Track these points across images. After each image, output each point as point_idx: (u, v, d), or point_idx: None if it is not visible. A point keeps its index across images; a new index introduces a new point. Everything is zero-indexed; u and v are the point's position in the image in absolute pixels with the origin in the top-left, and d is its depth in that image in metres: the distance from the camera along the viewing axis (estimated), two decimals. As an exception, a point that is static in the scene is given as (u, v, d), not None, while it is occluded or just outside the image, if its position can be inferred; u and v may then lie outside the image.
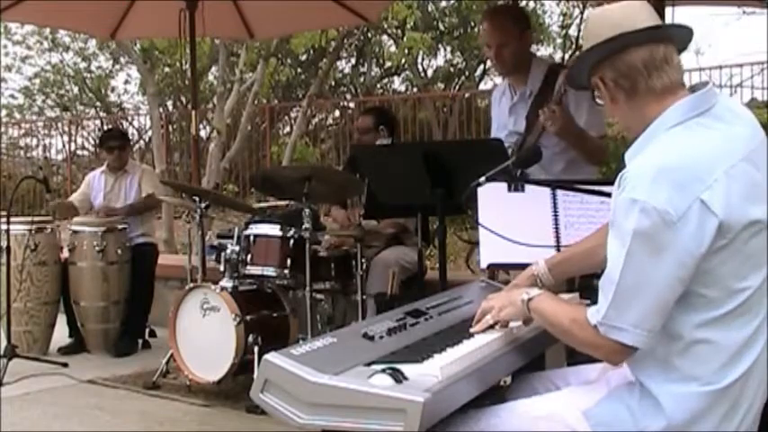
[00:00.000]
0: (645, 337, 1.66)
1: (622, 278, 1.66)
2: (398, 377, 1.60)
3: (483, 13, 4.28)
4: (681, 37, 1.84)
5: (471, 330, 2.01)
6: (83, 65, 15.08)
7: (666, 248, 1.62)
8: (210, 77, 13.87)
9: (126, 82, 15.75)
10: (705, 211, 1.62)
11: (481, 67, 14.20)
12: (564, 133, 3.30)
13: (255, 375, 1.97)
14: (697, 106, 1.75)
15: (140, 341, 5.57)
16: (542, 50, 13.09)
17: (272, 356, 1.66)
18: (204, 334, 4.24)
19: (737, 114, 1.80)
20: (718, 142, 1.71)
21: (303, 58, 13.32)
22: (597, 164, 3.58)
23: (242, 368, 4.14)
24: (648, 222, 1.62)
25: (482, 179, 2.26)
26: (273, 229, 4.34)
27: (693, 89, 1.80)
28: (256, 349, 4.05)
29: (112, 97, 15.80)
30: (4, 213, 5.17)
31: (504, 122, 3.64)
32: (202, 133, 12.23)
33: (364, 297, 4.28)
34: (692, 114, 1.74)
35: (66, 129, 13.84)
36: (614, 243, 1.69)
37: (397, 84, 15.28)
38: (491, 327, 2.01)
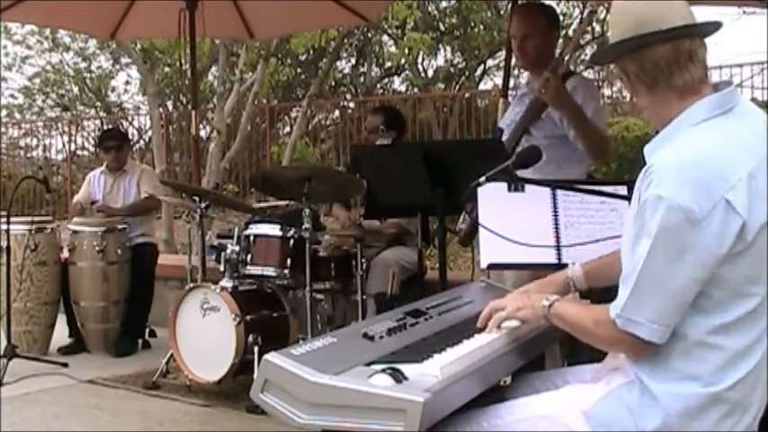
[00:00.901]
0: (662, 332, 1.67)
1: (643, 273, 1.67)
2: (398, 377, 1.60)
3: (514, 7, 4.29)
4: (708, 30, 1.82)
5: (487, 329, 2.02)
6: (83, 65, 15.07)
7: (689, 248, 1.63)
8: (210, 77, 13.85)
9: (126, 82, 15.76)
10: (730, 212, 1.63)
11: (481, 67, 14.19)
12: (559, 101, 3.30)
13: (255, 375, 1.97)
14: (721, 105, 1.75)
15: (140, 341, 5.57)
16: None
17: (272, 356, 1.66)
18: (204, 334, 4.24)
19: (757, 115, 1.81)
20: (742, 141, 1.72)
21: (303, 58, 13.29)
22: (600, 156, 3.57)
23: (242, 368, 4.14)
24: (673, 220, 1.62)
25: (482, 179, 2.26)
26: (273, 229, 4.34)
27: (716, 87, 1.80)
28: (256, 349, 4.05)
29: (112, 97, 15.79)
30: (4, 213, 5.17)
31: (510, 114, 3.67)
32: (202, 133, 12.23)
33: (364, 297, 4.28)
34: (716, 113, 1.74)
35: (66, 129, 13.83)
36: (637, 238, 1.69)
37: (397, 84, 15.27)
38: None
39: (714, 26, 1.81)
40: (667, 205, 1.63)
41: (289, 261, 4.26)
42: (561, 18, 12.59)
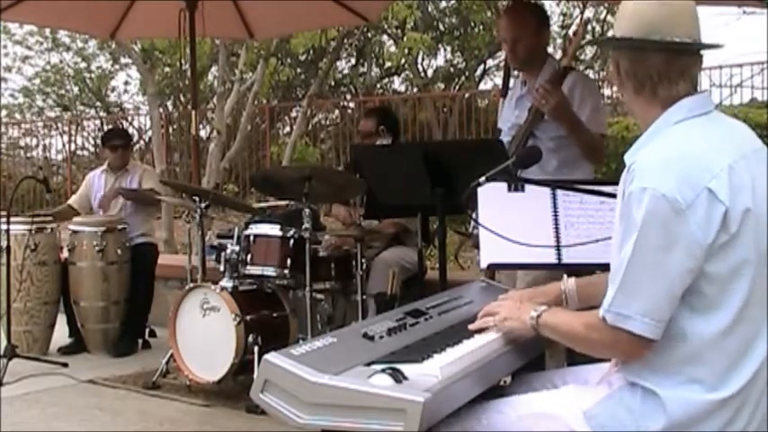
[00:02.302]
0: (654, 326, 1.66)
1: (630, 266, 1.67)
2: (398, 377, 1.60)
3: (503, 11, 4.29)
4: (707, 48, 1.84)
5: (470, 327, 2.02)
6: (83, 65, 15.09)
7: (675, 237, 1.64)
8: (210, 77, 13.87)
9: (126, 82, 15.78)
10: (712, 200, 1.65)
11: (481, 67, 14.21)
12: (557, 114, 3.30)
13: (255, 375, 1.97)
14: (698, 107, 1.79)
15: (140, 341, 5.57)
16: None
17: (272, 356, 1.66)
18: (204, 334, 4.24)
19: (733, 120, 1.87)
20: (720, 138, 1.76)
21: (303, 58, 13.31)
22: (596, 161, 3.58)
23: (242, 368, 4.14)
24: (658, 210, 1.64)
25: (482, 179, 2.26)
26: (273, 229, 4.34)
27: None
28: (256, 349, 4.05)
29: (112, 97, 15.82)
30: (4, 213, 5.17)
31: (509, 115, 3.65)
32: (202, 133, 12.24)
33: (364, 297, 4.27)
34: (693, 114, 1.78)
35: (66, 129, 13.83)
36: (624, 232, 1.70)
37: (397, 84, 15.30)
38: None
39: (714, 48, 1.84)
40: (651, 195, 1.64)
41: (289, 261, 4.26)
42: (561, 18, 12.66)
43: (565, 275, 2.16)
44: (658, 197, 1.64)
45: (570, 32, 3.55)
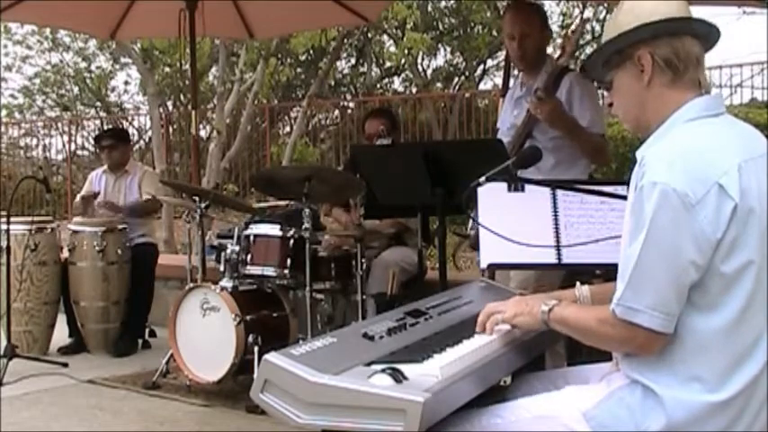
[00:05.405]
0: (663, 320, 1.66)
1: (640, 260, 1.67)
2: (398, 377, 1.60)
3: (505, 8, 4.30)
4: (713, 41, 1.88)
5: (485, 329, 2.01)
6: (83, 65, 15.10)
7: (685, 232, 1.64)
8: (210, 77, 13.87)
9: (126, 82, 15.79)
10: (723, 195, 1.66)
11: (481, 67, 14.21)
12: (553, 121, 3.31)
13: (255, 375, 1.97)
14: (710, 107, 1.80)
15: (140, 341, 5.57)
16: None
17: (272, 356, 1.65)
18: (204, 334, 4.24)
19: (745, 126, 1.87)
20: (730, 138, 1.77)
21: (303, 58, 13.32)
22: (600, 161, 3.58)
23: (242, 368, 4.14)
24: (668, 205, 1.64)
25: (482, 179, 2.25)
26: (273, 229, 4.34)
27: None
28: (256, 349, 4.04)
29: (112, 97, 15.83)
30: (4, 213, 5.17)
31: (507, 115, 3.66)
32: (202, 133, 12.24)
33: (364, 297, 4.27)
34: (705, 114, 1.79)
35: (66, 129, 13.84)
36: (634, 226, 1.70)
37: (397, 84, 15.31)
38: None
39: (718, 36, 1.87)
40: (662, 190, 1.65)
41: (289, 261, 4.26)
42: (561, 18, 12.66)
43: (578, 283, 2.14)
44: (669, 192, 1.64)
45: (569, 31, 3.55)
